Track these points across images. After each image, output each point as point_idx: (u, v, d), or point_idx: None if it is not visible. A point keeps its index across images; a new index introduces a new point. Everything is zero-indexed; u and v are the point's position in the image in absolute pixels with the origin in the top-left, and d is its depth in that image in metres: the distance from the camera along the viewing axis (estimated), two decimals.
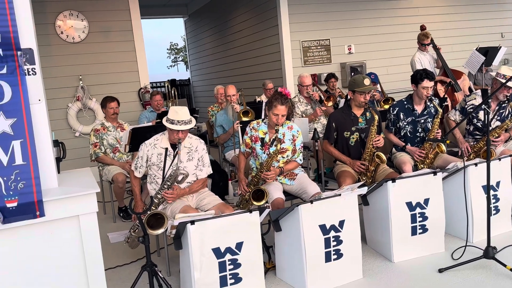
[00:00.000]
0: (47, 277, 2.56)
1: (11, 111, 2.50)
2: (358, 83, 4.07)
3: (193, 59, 13.34)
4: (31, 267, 2.53)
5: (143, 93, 7.30)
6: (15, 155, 2.49)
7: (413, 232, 3.50)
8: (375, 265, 3.47)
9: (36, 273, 2.54)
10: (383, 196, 3.47)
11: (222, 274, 2.92)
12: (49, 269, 2.57)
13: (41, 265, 2.55)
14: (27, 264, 2.52)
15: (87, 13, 6.90)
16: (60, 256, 2.58)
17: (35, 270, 2.54)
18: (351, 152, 4.17)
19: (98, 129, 5.20)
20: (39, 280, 2.55)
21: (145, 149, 3.62)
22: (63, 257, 2.59)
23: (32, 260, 2.53)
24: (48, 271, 2.57)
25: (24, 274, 2.52)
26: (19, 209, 2.45)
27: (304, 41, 8.09)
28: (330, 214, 3.12)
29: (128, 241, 3.71)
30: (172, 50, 53.62)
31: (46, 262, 2.56)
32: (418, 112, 4.35)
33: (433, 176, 3.51)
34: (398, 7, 8.74)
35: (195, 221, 2.82)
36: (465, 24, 9.21)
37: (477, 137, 4.53)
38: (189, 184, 3.60)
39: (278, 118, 3.64)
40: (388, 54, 8.70)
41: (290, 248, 3.18)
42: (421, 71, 4.31)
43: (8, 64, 2.52)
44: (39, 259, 2.55)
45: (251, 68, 9.34)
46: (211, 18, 11.33)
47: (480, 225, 3.64)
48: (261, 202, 3.48)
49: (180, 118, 3.44)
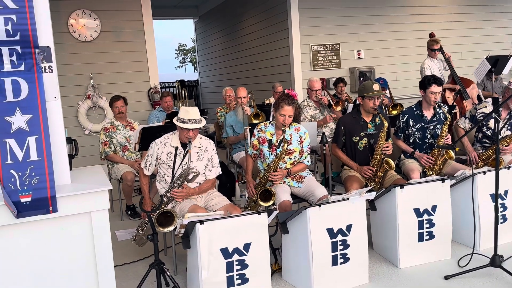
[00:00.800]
0: (58, 271, 2.60)
1: (28, 108, 2.55)
2: (368, 88, 4.09)
3: (202, 60, 13.41)
4: (42, 261, 2.57)
5: (152, 93, 7.36)
6: (30, 151, 2.54)
7: (420, 238, 3.51)
8: (381, 270, 3.48)
9: (47, 267, 2.58)
10: (391, 202, 3.48)
11: (229, 274, 2.95)
12: (60, 264, 2.60)
13: (52, 260, 2.59)
14: (38, 259, 2.56)
15: (100, 12, 6.97)
16: (71, 251, 2.61)
17: (46, 264, 2.58)
18: (358, 157, 4.18)
19: (107, 127, 5.25)
20: (49, 275, 2.59)
21: (155, 148, 3.66)
22: (74, 252, 2.62)
23: (43, 255, 2.57)
24: (59, 266, 2.60)
25: (35, 268, 2.56)
26: (33, 204, 2.49)
27: (314, 45, 8.11)
28: (338, 218, 3.14)
29: (136, 239, 3.75)
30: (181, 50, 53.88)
31: (57, 257, 2.59)
32: (428, 119, 4.36)
33: (441, 183, 3.53)
34: (409, 13, 8.76)
35: (204, 221, 2.85)
36: (475, 32, 9.20)
37: (485, 145, 4.53)
38: (199, 184, 3.63)
39: (285, 119, 3.67)
40: (397, 60, 8.70)
41: (297, 250, 3.20)
42: (429, 77, 4.33)
43: (26, 61, 2.56)
44: (50, 254, 2.58)
45: (260, 71, 9.38)
46: (221, 20, 11.39)
47: (487, 233, 3.65)
48: (268, 203, 3.51)
49: (191, 117, 3.47)
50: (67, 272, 2.62)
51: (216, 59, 12.02)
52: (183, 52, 53.64)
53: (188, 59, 53.50)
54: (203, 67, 13.39)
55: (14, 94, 2.54)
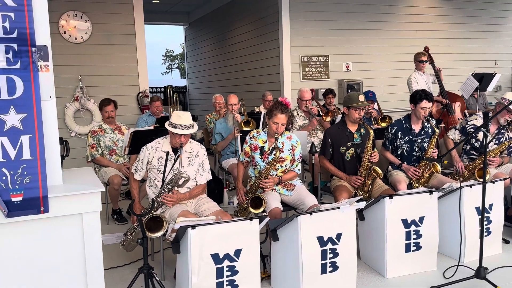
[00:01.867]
0: (47, 272, 2.57)
1: (22, 106, 2.53)
2: (353, 99, 4.16)
3: (191, 66, 13.41)
4: (31, 262, 2.53)
5: (141, 97, 7.33)
6: (23, 149, 2.51)
7: (407, 249, 3.56)
8: (368, 279, 3.51)
9: (36, 268, 2.54)
10: (379, 212, 3.53)
11: (219, 280, 2.94)
12: (49, 265, 2.57)
13: (41, 261, 2.55)
14: (28, 259, 2.52)
15: (91, 14, 6.94)
16: (61, 253, 2.58)
17: (35, 265, 2.54)
18: (346, 167, 4.23)
19: (95, 130, 5.20)
20: (38, 275, 2.55)
21: (146, 152, 3.65)
22: (64, 254, 2.59)
23: (32, 255, 2.53)
24: (48, 267, 2.57)
25: (24, 269, 2.52)
26: (24, 204, 2.46)
27: (303, 56, 8.19)
28: (328, 227, 3.17)
29: (124, 244, 3.72)
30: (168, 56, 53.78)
31: (47, 258, 2.56)
32: (416, 132, 4.43)
33: (429, 195, 3.59)
34: (397, 28, 8.91)
35: (196, 225, 2.85)
36: (461, 50, 9.41)
37: (472, 157, 4.62)
38: (189, 189, 3.62)
39: (278, 127, 3.70)
40: (384, 74, 8.84)
41: (287, 258, 3.21)
42: (420, 92, 4.40)
43: (22, 59, 2.55)
44: (40, 254, 2.55)
45: (249, 79, 9.43)
46: (212, 28, 11.43)
47: (472, 246, 3.71)
48: (259, 210, 3.53)
49: (183, 122, 3.48)
50: (56, 273, 2.58)
51: (205, 66, 12.04)
52: (170, 58, 53.51)
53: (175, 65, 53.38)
54: (192, 74, 13.39)
55: (8, 92, 2.51)
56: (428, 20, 9.18)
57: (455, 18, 9.39)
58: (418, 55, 6.42)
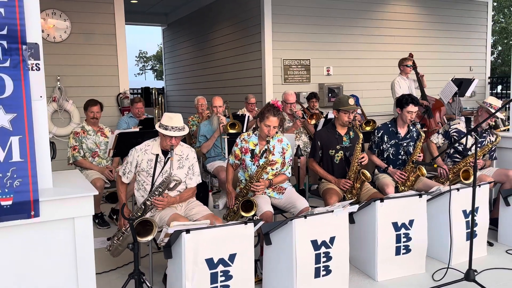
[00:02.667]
0: (38, 278, 2.47)
1: (12, 106, 2.43)
2: (343, 102, 4.18)
3: (169, 68, 13.26)
4: (21, 268, 2.43)
5: (122, 98, 7.18)
6: (13, 151, 2.41)
7: (397, 252, 3.58)
8: (359, 283, 3.52)
9: (27, 274, 2.45)
10: (370, 215, 3.54)
11: (213, 286, 2.89)
12: (40, 270, 2.47)
13: (32, 266, 2.45)
14: (18, 265, 2.42)
15: (71, 13, 6.76)
16: (52, 258, 2.49)
17: (26, 271, 2.44)
18: (335, 170, 4.24)
19: (78, 132, 5.07)
20: (29, 281, 2.45)
21: (135, 155, 3.56)
22: (55, 259, 2.50)
23: (22, 261, 2.43)
24: (39, 272, 2.47)
25: (14, 274, 2.42)
26: (14, 208, 2.36)
27: (285, 59, 8.21)
28: (322, 230, 3.16)
29: (110, 249, 3.61)
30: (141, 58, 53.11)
31: (37, 264, 2.47)
32: (401, 135, 4.49)
33: (418, 198, 3.63)
34: (376, 34, 9.03)
35: (190, 230, 2.79)
36: (437, 55, 9.61)
37: (456, 160, 4.70)
38: (179, 193, 3.55)
39: (270, 130, 3.68)
40: (363, 78, 8.94)
41: (280, 262, 3.19)
42: (406, 96, 4.47)
43: (12, 57, 2.45)
44: (30, 260, 2.45)
45: (230, 82, 9.38)
46: (191, 29, 11.33)
47: (459, 249, 3.77)
48: (250, 213, 3.49)
49: (174, 124, 3.41)
50: (47, 279, 2.49)
51: (184, 67, 11.92)
52: (143, 59, 52.85)
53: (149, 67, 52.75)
54: (170, 75, 13.24)
55: None
56: (406, 26, 9.35)
57: (433, 25, 9.59)
58: (404, 60, 6.52)
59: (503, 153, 4.90)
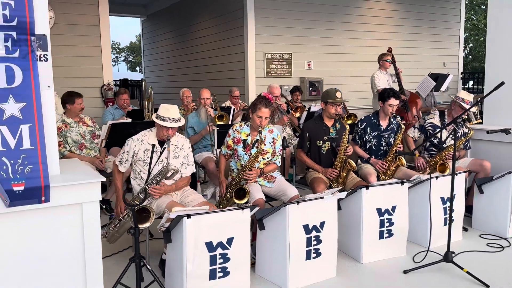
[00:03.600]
0: (47, 261, 2.58)
1: (21, 95, 2.52)
2: (331, 95, 4.37)
3: (148, 60, 13.23)
4: (31, 251, 2.53)
5: (105, 90, 7.21)
6: (23, 139, 2.50)
7: (381, 236, 3.81)
8: (346, 265, 3.74)
9: (36, 256, 2.55)
10: (356, 202, 3.75)
11: (212, 267, 3.04)
12: (49, 253, 2.58)
13: (42, 249, 2.56)
14: (28, 248, 2.52)
15: (55, 4, 6.72)
16: (61, 241, 2.60)
17: (35, 253, 2.54)
18: (322, 160, 4.44)
19: (59, 127, 4.95)
20: (38, 264, 2.55)
21: (132, 144, 3.66)
22: (64, 243, 2.61)
23: (32, 244, 2.53)
24: (48, 255, 2.58)
25: (24, 257, 2.52)
26: (25, 193, 2.46)
27: (268, 53, 8.37)
28: (313, 215, 3.35)
29: (107, 235, 3.71)
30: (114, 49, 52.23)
31: (47, 247, 2.57)
32: (383, 127, 4.72)
33: (400, 186, 3.86)
34: (355, 29, 9.28)
35: (191, 215, 2.93)
36: (414, 51, 9.94)
37: (432, 152, 4.97)
38: (175, 182, 3.68)
39: (261, 120, 3.84)
40: (343, 72, 9.19)
41: (273, 246, 3.36)
42: (388, 90, 4.70)
43: (21, 48, 2.53)
44: (40, 243, 2.55)
45: (213, 74, 9.48)
46: (171, 21, 11.34)
47: (437, 233, 4.03)
48: (242, 201, 3.66)
49: (171, 115, 3.53)
50: (56, 262, 2.60)
51: (165, 59, 11.93)
52: (116, 50, 52.03)
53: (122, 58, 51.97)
54: (149, 67, 13.21)
55: (7, 81, 2.50)
56: (384, 22, 9.63)
57: (409, 21, 9.92)
58: (383, 55, 6.76)
59: (477, 144, 5.20)
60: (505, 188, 4.29)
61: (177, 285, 3.08)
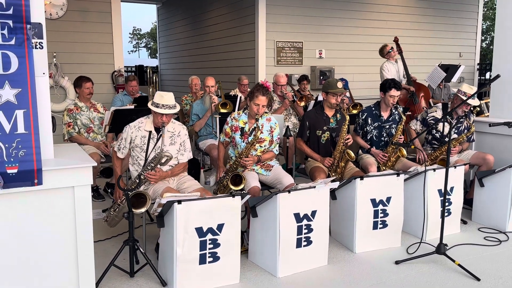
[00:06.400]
0: (39, 243, 2.69)
1: (17, 82, 2.61)
2: (332, 85, 4.38)
3: (163, 47, 13.33)
4: (23, 232, 2.64)
5: (116, 76, 7.32)
6: (18, 124, 2.60)
7: (375, 227, 3.84)
8: (339, 254, 3.78)
9: (28, 238, 2.66)
10: (350, 192, 3.78)
11: (202, 252, 3.12)
12: (41, 235, 2.69)
13: (34, 231, 2.66)
14: (20, 230, 2.63)
15: None
16: (53, 224, 2.70)
17: (28, 235, 2.65)
18: (321, 150, 4.46)
19: (71, 109, 5.22)
20: (30, 246, 2.67)
21: (129, 131, 3.75)
22: (56, 225, 2.71)
23: (25, 226, 2.64)
24: (40, 237, 2.68)
25: (16, 239, 2.63)
26: (19, 176, 2.56)
27: (278, 41, 8.36)
28: (304, 204, 3.39)
29: (107, 219, 3.82)
30: (135, 35, 52.57)
31: (39, 229, 2.68)
32: (384, 118, 4.71)
33: (396, 177, 3.87)
34: (368, 18, 9.19)
35: (182, 201, 3.01)
36: (427, 41, 9.79)
37: (434, 146, 4.94)
38: (171, 167, 3.76)
39: (259, 108, 3.88)
40: (355, 62, 9.13)
41: (265, 233, 3.43)
42: (389, 81, 4.67)
43: (17, 36, 2.62)
44: (32, 225, 2.66)
45: (224, 62, 9.52)
46: (186, 8, 11.39)
47: (433, 225, 4.03)
48: (239, 187, 3.72)
49: (166, 102, 3.59)
50: (48, 244, 2.71)
51: (179, 46, 12.00)
52: (137, 36, 52.34)
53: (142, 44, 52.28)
54: (164, 54, 13.31)
55: (3, 68, 2.59)
56: (397, 11, 9.50)
57: (423, 10, 9.75)
58: (381, 50, 6.71)
59: (481, 137, 5.14)
60: (505, 182, 4.25)
61: (168, 268, 3.17)
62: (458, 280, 3.33)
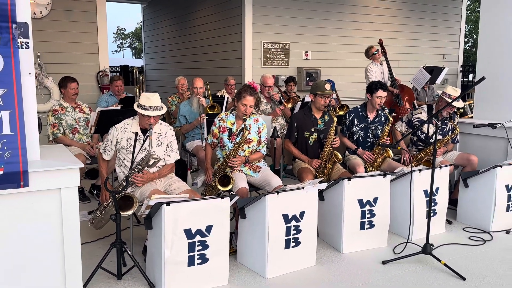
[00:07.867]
0: (25, 245, 2.64)
1: (2, 82, 2.57)
2: (320, 87, 4.40)
3: (149, 47, 13.24)
4: (10, 235, 2.60)
5: (101, 76, 7.25)
6: (3, 125, 2.56)
7: (362, 227, 3.87)
8: (326, 254, 3.80)
9: (14, 241, 2.61)
10: (338, 193, 3.80)
11: (190, 254, 3.11)
12: (28, 238, 2.64)
13: (20, 234, 2.62)
14: (7, 231, 2.59)
15: None
16: (39, 226, 2.66)
17: (14, 238, 2.61)
18: (309, 151, 4.48)
19: (56, 109, 5.15)
20: (16, 248, 2.62)
21: (115, 133, 3.71)
22: (42, 227, 2.67)
23: (11, 229, 2.60)
24: (27, 240, 2.64)
25: (2, 242, 2.58)
26: (5, 178, 2.52)
27: (265, 42, 8.37)
28: (293, 205, 3.40)
29: (93, 222, 3.78)
30: (119, 35, 52.13)
31: (25, 231, 2.63)
32: (370, 119, 4.75)
33: (383, 178, 3.90)
34: (354, 20, 9.26)
35: (171, 202, 2.99)
36: (412, 43, 9.90)
37: (419, 147, 5.00)
38: (158, 169, 3.74)
39: (246, 108, 3.88)
40: (341, 63, 9.19)
41: (253, 234, 3.43)
42: (376, 82, 4.72)
43: (3, 35, 2.57)
44: (19, 228, 2.62)
45: (210, 63, 9.50)
46: (172, 9, 11.33)
47: (419, 225, 4.08)
48: (227, 188, 3.72)
49: (152, 104, 3.55)
50: (34, 246, 2.66)
51: (164, 47, 11.94)
52: (121, 36, 51.90)
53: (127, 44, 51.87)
54: (149, 54, 13.22)
55: None
56: (382, 13, 9.60)
57: (408, 13, 9.86)
58: (367, 51, 6.77)
59: (466, 138, 5.23)
60: (489, 182, 4.32)
61: (156, 270, 3.15)
62: (444, 280, 3.38)
